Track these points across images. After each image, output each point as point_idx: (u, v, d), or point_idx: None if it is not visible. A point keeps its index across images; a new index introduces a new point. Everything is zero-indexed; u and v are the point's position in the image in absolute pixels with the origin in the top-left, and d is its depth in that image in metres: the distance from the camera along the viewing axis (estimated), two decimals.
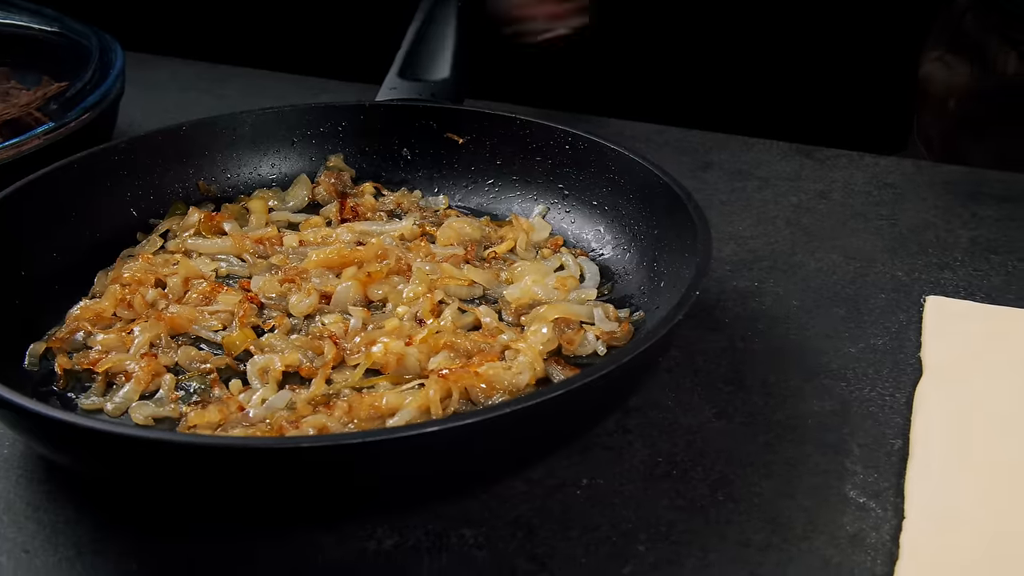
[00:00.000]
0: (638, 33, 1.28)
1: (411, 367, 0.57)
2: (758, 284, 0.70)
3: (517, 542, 0.50)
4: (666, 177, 0.64)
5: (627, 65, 1.28)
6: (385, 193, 0.74)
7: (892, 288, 0.69)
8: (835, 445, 0.55)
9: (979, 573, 0.47)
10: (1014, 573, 0.47)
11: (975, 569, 0.47)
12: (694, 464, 0.54)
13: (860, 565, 0.48)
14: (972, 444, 0.54)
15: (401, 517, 0.51)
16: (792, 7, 1.24)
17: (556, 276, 0.65)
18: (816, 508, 0.51)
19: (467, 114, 0.75)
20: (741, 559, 0.49)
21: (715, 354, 0.63)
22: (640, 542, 0.50)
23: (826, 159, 0.87)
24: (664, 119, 0.94)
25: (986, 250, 0.73)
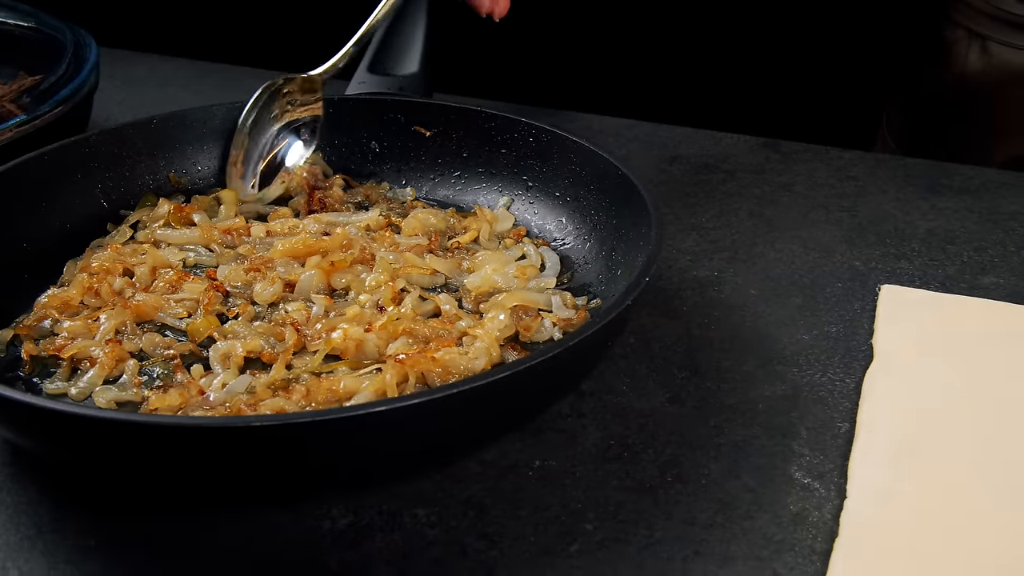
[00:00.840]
0: (611, 29, 1.30)
1: (370, 353, 0.58)
2: (718, 274, 0.71)
3: (469, 521, 0.51)
4: (624, 168, 0.65)
5: (599, 60, 1.30)
6: (354, 185, 0.75)
7: (849, 277, 0.70)
8: (783, 428, 0.57)
9: (915, 552, 0.48)
10: (948, 553, 0.48)
11: (911, 548, 0.48)
12: (645, 447, 0.56)
13: (801, 542, 0.49)
14: (916, 427, 0.56)
15: (356, 497, 0.52)
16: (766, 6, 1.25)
17: (516, 265, 0.66)
18: (761, 488, 0.53)
19: (434, 107, 0.76)
20: (686, 536, 0.50)
21: (671, 341, 0.64)
22: (588, 521, 0.51)
23: (791, 153, 0.88)
24: (637, 114, 0.95)
25: (943, 240, 0.75)
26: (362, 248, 0.66)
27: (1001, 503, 0.50)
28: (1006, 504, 0.50)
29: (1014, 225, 0.76)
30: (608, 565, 0.48)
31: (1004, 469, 0.52)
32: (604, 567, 0.48)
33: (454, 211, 0.73)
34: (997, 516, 0.50)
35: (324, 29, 1.22)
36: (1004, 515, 0.50)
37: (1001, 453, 0.54)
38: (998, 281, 0.70)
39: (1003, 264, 0.72)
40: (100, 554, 0.50)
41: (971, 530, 0.49)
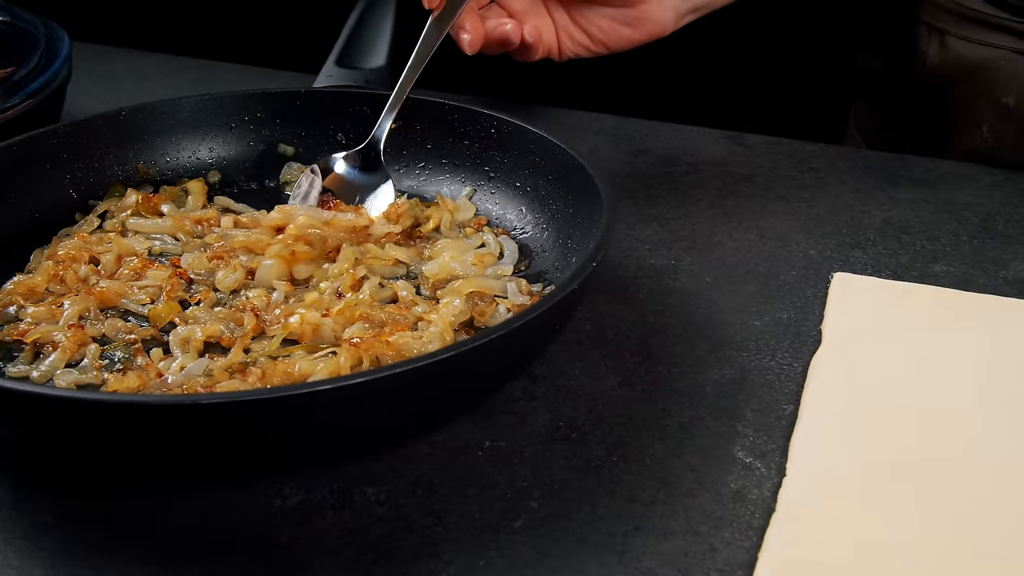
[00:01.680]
0: None
1: (326, 337, 0.59)
2: (675, 262, 0.72)
3: (417, 499, 0.52)
4: (580, 158, 0.66)
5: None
6: None
7: (803, 265, 0.72)
8: (729, 410, 0.58)
9: (847, 527, 0.49)
10: (880, 529, 0.49)
11: (844, 523, 0.50)
12: (593, 428, 0.57)
13: (739, 518, 0.51)
14: (857, 408, 0.57)
15: (309, 476, 0.53)
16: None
17: (475, 253, 0.67)
18: (704, 467, 0.54)
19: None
20: (627, 513, 0.51)
21: (626, 327, 0.65)
22: (533, 499, 0.52)
23: (755, 146, 0.90)
24: (615, 110, 0.97)
25: (898, 230, 0.76)
26: (323, 240, 0.67)
27: (934, 484, 0.52)
28: (938, 485, 0.52)
29: (968, 215, 0.78)
30: (550, 540, 0.50)
31: (939, 451, 0.54)
32: (546, 542, 0.50)
33: (418, 201, 0.74)
34: (928, 496, 0.51)
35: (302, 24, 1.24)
36: (936, 495, 0.51)
37: (937, 435, 0.55)
38: (949, 269, 0.71)
39: (955, 253, 0.73)
40: (58, 531, 0.51)
41: (902, 509, 0.50)
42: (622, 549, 0.49)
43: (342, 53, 0.83)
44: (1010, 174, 0.83)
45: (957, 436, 0.55)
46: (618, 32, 0.75)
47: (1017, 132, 0.85)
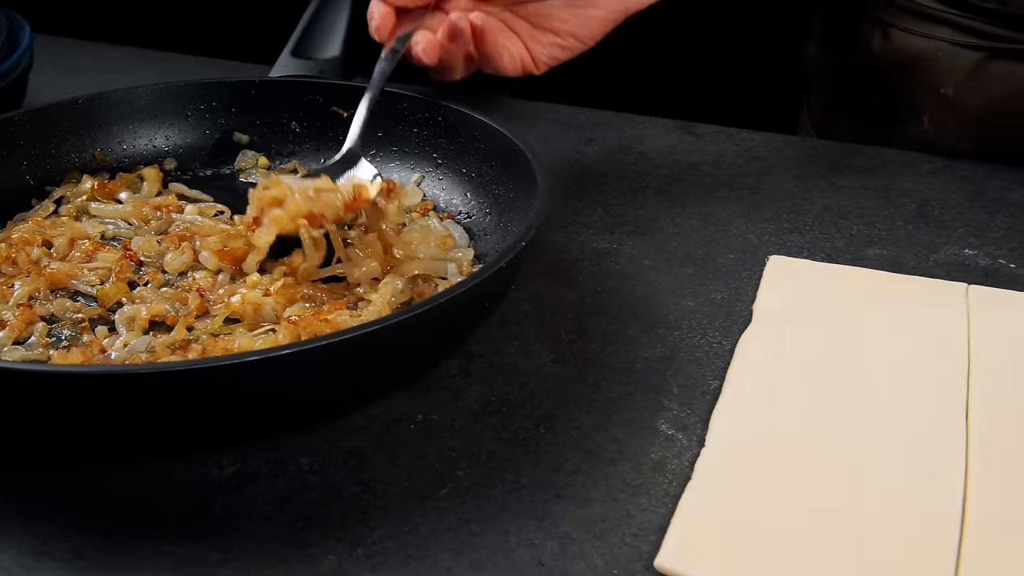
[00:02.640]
0: None
1: (267, 316, 0.61)
2: (616, 246, 0.74)
3: (348, 469, 0.54)
4: (521, 144, 0.68)
5: None
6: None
7: (741, 249, 0.74)
8: (656, 386, 0.60)
9: (758, 495, 0.51)
10: (788, 498, 0.51)
11: (754, 491, 0.51)
12: (524, 403, 0.59)
13: (657, 486, 0.53)
14: (779, 383, 0.59)
15: (245, 448, 0.55)
16: None
17: (437, 236, 0.69)
18: (627, 439, 0.56)
19: (350, 89, 0.79)
20: (550, 481, 0.53)
21: (564, 308, 0.67)
22: (460, 468, 0.54)
23: (704, 135, 0.92)
24: (571, 100, 0.99)
25: (836, 215, 0.78)
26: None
27: (845, 458, 0.53)
28: (849, 459, 0.53)
29: (906, 201, 0.80)
30: (473, 507, 0.52)
31: (853, 426, 0.56)
32: (469, 508, 0.51)
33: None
34: (838, 469, 0.53)
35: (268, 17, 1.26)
36: (846, 469, 0.53)
37: (853, 411, 0.57)
38: (882, 252, 0.73)
39: (889, 237, 0.75)
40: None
41: (812, 480, 0.52)
42: (542, 515, 0.51)
43: (298, 44, 0.85)
44: (949, 162, 0.86)
45: (872, 412, 0.57)
46: (581, 17, 0.72)
47: (956, 122, 0.87)
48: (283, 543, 0.50)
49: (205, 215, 0.72)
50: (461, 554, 0.49)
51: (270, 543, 0.50)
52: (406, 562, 0.48)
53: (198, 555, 0.49)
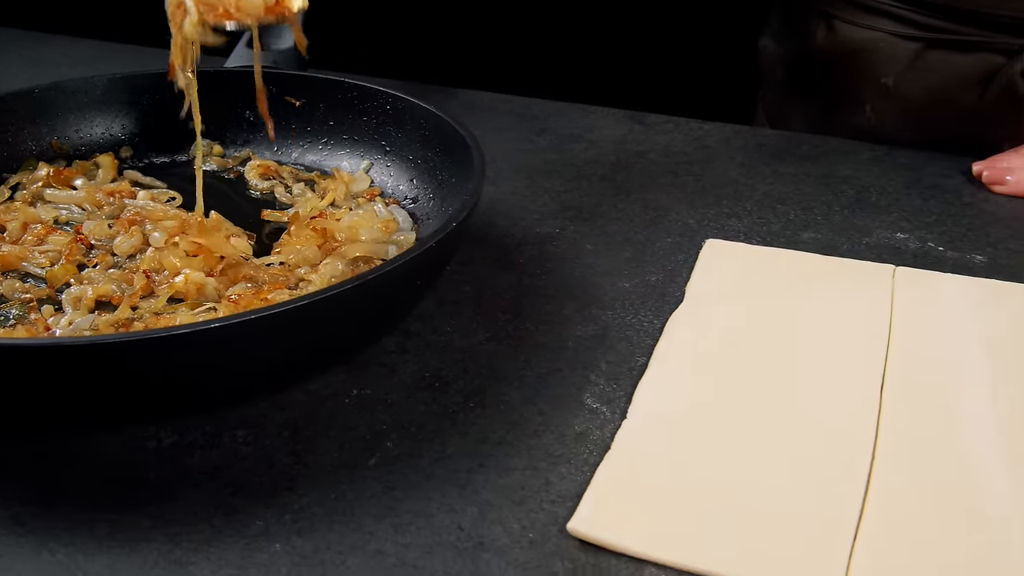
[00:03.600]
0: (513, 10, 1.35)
1: (210, 296, 0.63)
2: (559, 231, 0.76)
3: (282, 440, 0.56)
4: (462, 131, 0.70)
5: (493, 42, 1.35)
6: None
7: (679, 233, 0.76)
8: (586, 362, 0.62)
9: (671, 463, 0.53)
10: (702, 466, 0.53)
11: (668, 459, 0.53)
12: (456, 378, 0.61)
13: (578, 456, 0.55)
14: (702, 359, 0.61)
15: (183, 421, 0.57)
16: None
17: (381, 220, 0.71)
18: (553, 412, 0.58)
19: (303, 79, 0.81)
20: (475, 451, 0.55)
21: (502, 289, 0.69)
22: (390, 439, 0.56)
23: (654, 124, 0.94)
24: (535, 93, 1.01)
25: (775, 201, 0.80)
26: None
27: (760, 428, 0.55)
28: (763, 429, 0.55)
29: (844, 188, 0.82)
30: (400, 476, 0.54)
31: (771, 400, 0.58)
32: (395, 477, 0.53)
33: (318, 174, 0.78)
34: (752, 439, 0.55)
35: None
36: (759, 439, 0.55)
37: (773, 385, 0.59)
38: (816, 236, 0.75)
39: (824, 222, 0.77)
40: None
41: (727, 450, 0.54)
42: (464, 483, 0.53)
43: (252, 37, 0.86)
44: (891, 150, 0.88)
45: (790, 387, 0.59)
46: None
47: (896, 110, 0.89)
48: (213, 509, 0.51)
49: (157, 201, 0.74)
50: (384, 519, 0.51)
51: (200, 509, 0.51)
52: (331, 526, 0.50)
53: (132, 521, 0.51)
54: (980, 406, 0.57)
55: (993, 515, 0.50)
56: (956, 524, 0.49)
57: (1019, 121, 0.84)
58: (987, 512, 0.50)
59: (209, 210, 0.71)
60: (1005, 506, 0.50)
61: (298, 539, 0.50)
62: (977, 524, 0.49)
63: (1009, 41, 0.82)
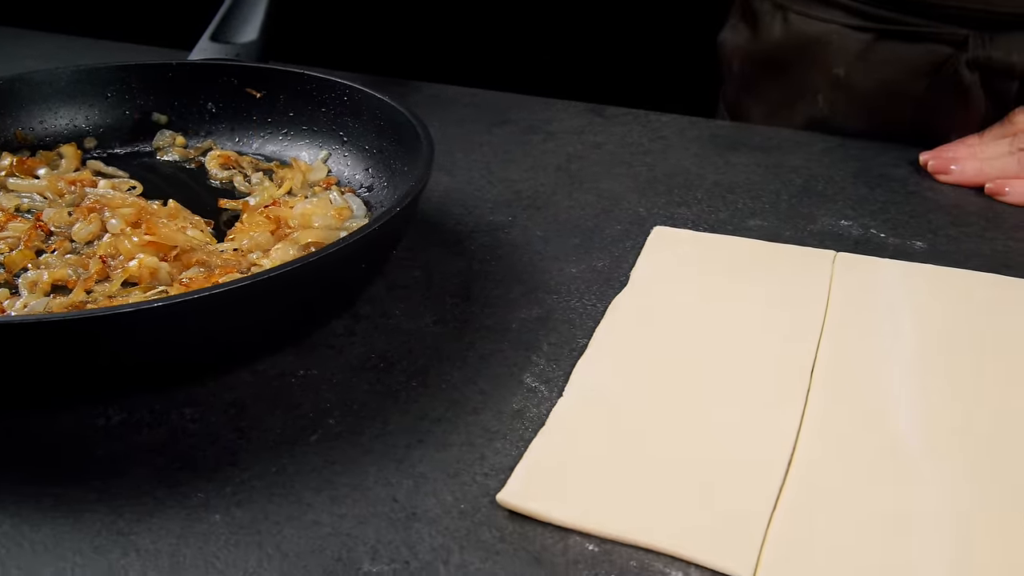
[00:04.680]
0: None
1: (163, 280, 0.65)
2: (511, 219, 0.78)
3: (228, 418, 0.58)
4: (414, 120, 0.72)
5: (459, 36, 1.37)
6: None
7: (629, 221, 0.78)
8: (528, 343, 0.64)
9: (604, 437, 0.55)
10: (632, 442, 0.54)
11: (602, 434, 0.55)
12: (401, 359, 0.63)
13: (514, 432, 0.56)
14: (641, 340, 0.63)
15: (133, 400, 0.59)
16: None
17: (334, 207, 0.73)
18: (493, 391, 0.60)
19: (263, 71, 0.83)
20: (414, 428, 0.57)
21: (452, 274, 0.71)
22: (332, 417, 0.58)
23: (614, 116, 0.96)
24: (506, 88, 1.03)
25: (725, 190, 0.82)
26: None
27: (691, 406, 0.57)
28: (695, 408, 0.57)
29: (793, 177, 0.84)
30: (339, 451, 0.55)
31: (705, 379, 0.59)
32: (335, 453, 0.55)
33: (278, 164, 0.80)
34: (683, 417, 0.56)
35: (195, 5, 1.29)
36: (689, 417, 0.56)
37: (708, 365, 0.61)
38: (762, 224, 0.77)
39: (772, 210, 0.79)
40: None
41: (657, 426, 0.55)
42: (402, 458, 0.55)
43: (217, 29, 0.88)
44: (843, 141, 0.90)
45: (723, 366, 0.60)
46: None
47: (847, 101, 0.91)
48: (157, 483, 0.53)
49: (118, 189, 0.76)
50: (321, 491, 0.53)
51: (144, 483, 0.53)
52: (270, 498, 0.52)
53: (78, 495, 0.53)
54: (907, 390, 0.58)
55: (912, 493, 0.51)
56: (874, 501, 0.51)
57: (965, 111, 0.85)
58: (905, 490, 0.51)
59: (168, 199, 0.73)
60: (923, 487, 0.52)
61: (237, 510, 0.51)
62: (895, 503, 0.51)
63: (955, 32, 0.84)
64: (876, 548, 0.48)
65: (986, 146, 0.82)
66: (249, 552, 0.49)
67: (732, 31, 1.02)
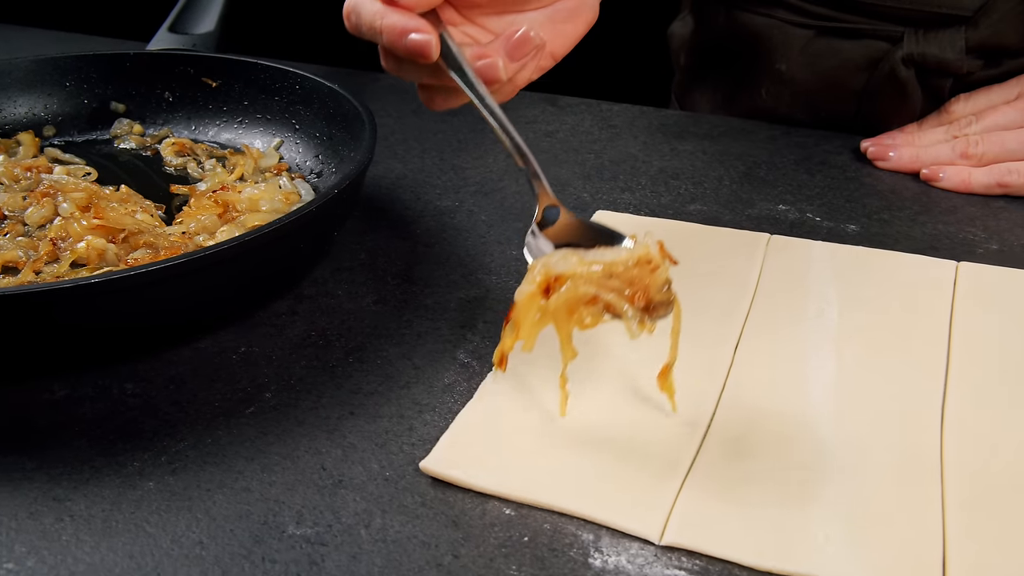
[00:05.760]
0: None
1: (110, 261, 0.67)
2: (458, 204, 0.80)
3: (168, 392, 0.60)
4: (360, 107, 0.74)
5: None
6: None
7: (573, 206, 0.80)
8: (464, 322, 0.66)
9: (527, 408, 0.57)
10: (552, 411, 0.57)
11: (526, 405, 0.57)
12: (340, 337, 0.65)
13: (443, 405, 0.58)
14: None
15: (78, 376, 0.61)
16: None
17: (282, 192, 0.75)
18: (426, 366, 0.62)
19: (219, 61, 0.85)
20: (348, 401, 0.59)
21: (397, 256, 0.73)
22: (269, 391, 0.60)
23: (567, 106, 0.98)
24: None
25: (669, 176, 0.84)
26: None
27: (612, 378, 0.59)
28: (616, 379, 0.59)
29: (737, 164, 0.86)
30: (273, 423, 0.57)
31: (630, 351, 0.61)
32: (270, 424, 0.57)
33: (231, 151, 0.82)
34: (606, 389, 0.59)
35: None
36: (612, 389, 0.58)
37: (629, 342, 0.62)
38: (702, 208, 0.79)
39: (713, 195, 0.81)
40: None
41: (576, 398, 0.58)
42: (333, 428, 0.57)
43: (175, 20, 0.90)
44: (788, 129, 0.92)
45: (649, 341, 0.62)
46: (559, 32, 0.63)
47: (790, 94, 0.93)
48: (95, 453, 0.55)
49: (73, 176, 0.78)
50: (253, 460, 0.55)
51: (83, 453, 0.55)
52: (203, 467, 0.54)
53: (17, 464, 0.55)
54: (823, 362, 0.61)
55: (817, 458, 0.53)
56: (781, 467, 0.53)
57: (903, 104, 0.88)
58: (811, 455, 0.54)
59: (121, 184, 0.75)
60: (828, 451, 0.54)
61: (171, 478, 0.53)
62: (801, 467, 0.53)
63: (891, 29, 0.86)
64: (779, 510, 0.50)
65: (923, 134, 0.84)
66: (179, 516, 0.51)
67: (681, 23, 1.04)
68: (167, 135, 0.85)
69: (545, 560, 0.48)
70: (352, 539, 0.49)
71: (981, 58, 0.84)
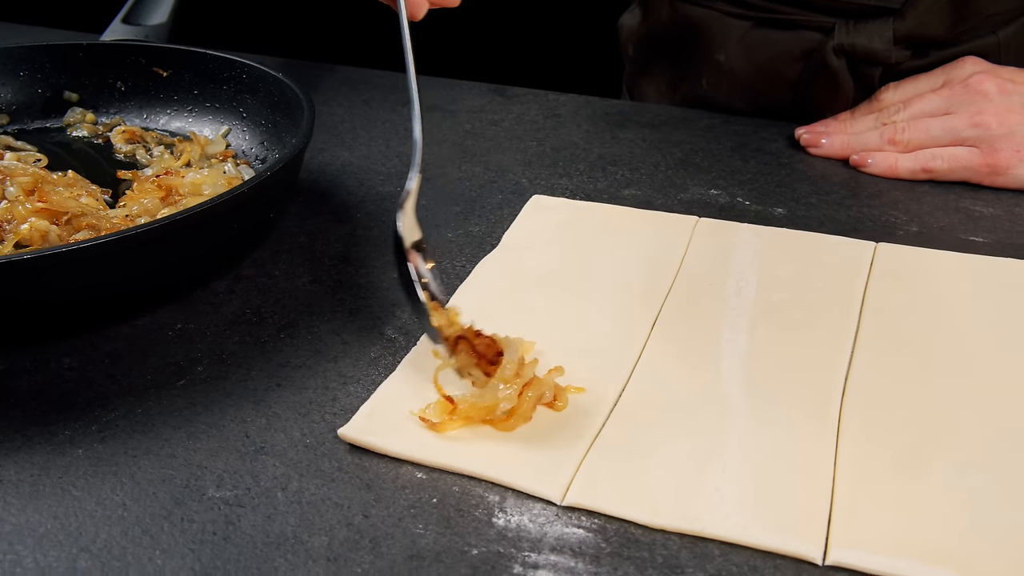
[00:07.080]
0: None
1: (53, 242, 0.69)
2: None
3: (103, 366, 0.62)
4: (302, 95, 0.76)
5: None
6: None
7: (511, 191, 0.82)
8: (395, 300, 0.68)
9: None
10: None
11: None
12: (274, 314, 0.67)
13: (367, 377, 0.61)
14: (498, 296, 0.67)
15: (17, 351, 0.63)
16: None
17: (225, 177, 0.77)
18: (355, 341, 0.64)
19: (169, 51, 0.87)
20: (276, 374, 0.61)
21: (335, 240, 0.75)
22: (201, 365, 0.62)
23: (515, 96, 1.00)
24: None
25: (607, 163, 0.87)
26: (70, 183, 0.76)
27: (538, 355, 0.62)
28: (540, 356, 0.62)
29: (675, 151, 0.88)
30: (203, 394, 0.60)
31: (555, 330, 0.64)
32: (199, 395, 0.59)
33: (181, 139, 0.84)
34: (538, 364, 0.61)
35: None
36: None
37: (562, 317, 0.65)
38: (636, 193, 0.82)
39: (648, 180, 0.84)
40: None
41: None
42: (259, 399, 0.59)
43: (129, 12, 0.93)
44: (728, 118, 0.94)
45: (573, 317, 0.65)
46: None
47: (729, 84, 0.95)
48: (29, 423, 0.57)
49: (24, 162, 0.80)
50: (180, 428, 0.57)
51: (16, 423, 0.57)
52: (131, 435, 0.56)
53: None
54: (736, 338, 0.63)
55: (721, 430, 0.56)
56: (685, 435, 0.55)
57: (836, 93, 0.90)
58: (715, 427, 0.56)
59: (69, 169, 0.77)
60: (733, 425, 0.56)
61: (100, 445, 0.56)
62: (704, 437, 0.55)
63: (823, 20, 0.88)
64: (678, 472, 0.52)
65: (855, 121, 0.87)
66: (105, 481, 0.53)
67: (630, 15, 1.06)
68: (119, 123, 0.87)
69: (451, 520, 0.51)
70: (269, 500, 0.52)
71: (909, 48, 0.87)
